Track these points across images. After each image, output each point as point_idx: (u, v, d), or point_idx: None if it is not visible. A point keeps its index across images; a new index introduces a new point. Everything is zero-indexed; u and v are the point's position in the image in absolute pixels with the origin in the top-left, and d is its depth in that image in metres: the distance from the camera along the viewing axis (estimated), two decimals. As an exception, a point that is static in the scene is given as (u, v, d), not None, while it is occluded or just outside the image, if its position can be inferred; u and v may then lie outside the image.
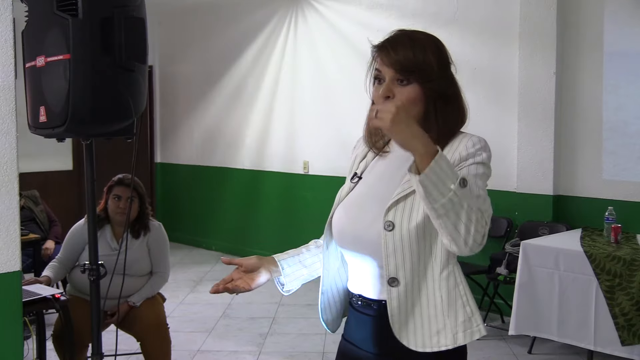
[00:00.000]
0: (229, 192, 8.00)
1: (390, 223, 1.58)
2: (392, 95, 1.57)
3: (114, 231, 3.77)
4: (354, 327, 1.76)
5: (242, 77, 7.73)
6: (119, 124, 2.43)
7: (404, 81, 1.57)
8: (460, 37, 5.56)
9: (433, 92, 1.58)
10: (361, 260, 1.68)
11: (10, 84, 2.29)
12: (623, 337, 3.86)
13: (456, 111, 1.64)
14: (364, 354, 1.72)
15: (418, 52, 1.55)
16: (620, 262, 3.90)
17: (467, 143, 1.59)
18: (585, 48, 4.99)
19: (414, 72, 1.56)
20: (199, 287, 6.40)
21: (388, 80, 1.58)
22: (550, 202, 5.10)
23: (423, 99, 1.58)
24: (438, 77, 1.58)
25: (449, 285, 1.64)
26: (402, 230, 1.58)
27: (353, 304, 1.75)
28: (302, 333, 4.96)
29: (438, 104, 1.60)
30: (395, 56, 1.55)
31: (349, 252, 1.71)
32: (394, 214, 1.59)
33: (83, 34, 2.27)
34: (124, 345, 3.98)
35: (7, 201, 2.27)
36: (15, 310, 2.33)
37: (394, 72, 1.57)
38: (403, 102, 1.51)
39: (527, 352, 4.56)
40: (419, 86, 1.57)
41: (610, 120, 4.89)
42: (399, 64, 1.55)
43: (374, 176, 1.73)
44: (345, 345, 1.81)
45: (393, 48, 1.56)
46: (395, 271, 1.60)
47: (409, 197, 1.59)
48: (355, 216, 1.68)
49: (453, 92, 1.63)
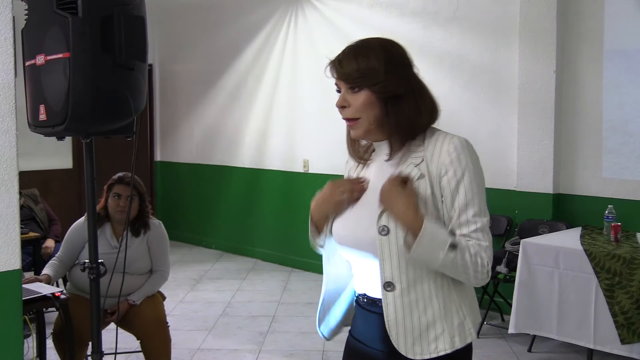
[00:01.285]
0: (228, 190, 8.00)
1: (384, 227, 1.65)
2: (347, 105, 1.69)
3: (114, 229, 3.77)
4: (361, 324, 1.81)
5: (242, 76, 7.73)
6: (118, 122, 2.43)
7: (355, 89, 1.68)
8: (460, 35, 5.56)
9: (383, 93, 1.66)
10: (363, 262, 1.74)
11: (10, 82, 2.29)
12: (623, 335, 3.86)
13: (412, 108, 1.68)
14: (371, 351, 1.76)
15: (361, 61, 1.66)
16: (620, 260, 3.90)
17: (448, 147, 1.64)
18: (585, 46, 4.98)
19: (359, 79, 1.66)
20: (199, 286, 6.40)
21: (343, 91, 1.71)
22: (550, 201, 5.10)
23: (376, 102, 1.67)
24: (385, 79, 1.66)
25: (444, 290, 1.67)
26: (397, 234, 1.63)
27: (359, 302, 1.81)
28: (302, 331, 4.97)
29: (390, 103, 1.67)
30: (342, 70, 1.69)
31: (351, 255, 1.78)
32: (388, 218, 1.64)
33: (83, 32, 2.27)
34: (124, 344, 3.98)
35: (7, 200, 2.27)
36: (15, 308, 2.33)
37: (344, 84, 1.70)
38: (392, 176, 1.64)
39: (527, 350, 4.56)
40: (368, 91, 1.67)
41: (610, 118, 4.89)
42: (345, 76, 1.69)
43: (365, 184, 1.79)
44: (352, 343, 1.85)
45: (340, 63, 1.70)
46: (390, 275, 1.65)
47: None
48: (353, 222, 1.74)
49: (406, 90, 1.68)
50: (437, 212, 1.64)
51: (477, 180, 1.64)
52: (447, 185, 1.63)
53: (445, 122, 1.84)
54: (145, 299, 3.71)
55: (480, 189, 1.64)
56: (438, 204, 1.65)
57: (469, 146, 1.66)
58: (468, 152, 1.65)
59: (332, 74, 1.74)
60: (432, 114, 1.73)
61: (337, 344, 1.97)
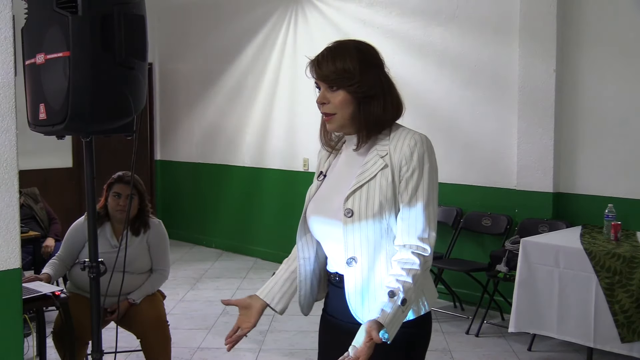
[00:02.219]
0: (229, 189, 8.00)
1: (349, 210, 1.84)
2: (327, 101, 1.86)
3: (114, 228, 3.77)
4: (333, 301, 2.01)
5: (242, 75, 7.73)
6: (118, 121, 2.43)
7: (333, 87, 1.85)
8: (461, 34, 5.56)
9: (357, 93, 1.84)
10: (332, 243, 1.93)
11: (10, 81, 2.29)
12: (623, 334, 3.86)
13: (380, 106, 1.86)
14: (344, 324, 1.93)
15: (338, 63, 1.84)
16: (620, 259, 3.90)
17: (409, 142, 1.83)
18: (585, 45, 4.98)
19: (335, 80, 1.84)
20: (199, 285, 6.40)
21: (322, 89, 1.88)
22: (550, 200, 5.10)
23: (352, 100, 1.85)
24: (359, 80, 1.83)
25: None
26: (360, 216, 1.83)
27: (332, 280, 2.00)
28: (301, 330, 4.97)
29: (363, 102, 1.85)
30: (321, 72, 1.86)
31: (322, 238, 1.97)
32: (352, 202, 1.84)
33: (83, 31, 2.27)
34: (124, 343, 3.99)
35: (7, 199, 2.27)
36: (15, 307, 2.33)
37: (323, 83, 1.87)
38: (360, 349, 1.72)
39: (527, 349, 4.57)
40: (344, 90, 1.84)
41: (610, 117, 4.89)
42: (323, 77, 1.86)
43: (335, 173, 1.99)
44: (326, 318, 2.06)
45: (319, 64, 1.87)
46: (352, 252, 1.85)
47: (364, 187, 1.84)
48: (323, 207, 1.94)
49: (377, 91, 1.86)
50: (394, 197, 1.83)
51: (429, 175, 1.83)
52: (405, 174, 1.82)
53: (446, 121, 1.87)
54: (145, 298, 3.71)
55: (432, 182, 1.84)
56: (396, 190, 1.83)
57: (429, 143, 1.86)
58: (427, 147, 1.84)
59: (311, 74, 1.90)
60: (398, 111, 1.90)
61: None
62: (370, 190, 1.83)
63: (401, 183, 1.82)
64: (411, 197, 1.81)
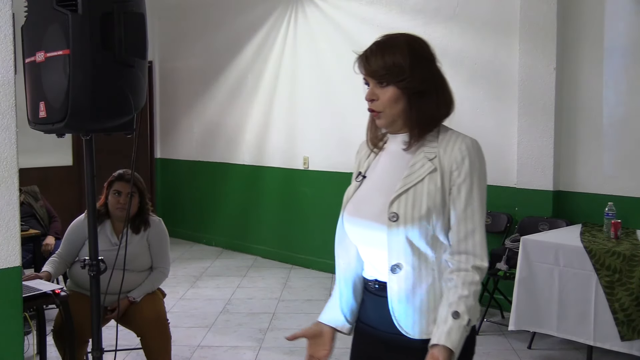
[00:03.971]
0: (229, 187, 8.00)
1: (394, 214, 1.73)
2: (376, 98, 1.78)
3: (114, 226, 3.77)
4: (370, 310, 1.88)
5: (242, 73, 7.72)
6: (118, 119, 2.43)
7: (383, 83, 1.77)
8: (461, 32, 5.56)
9: (407, 89, 1.75)
10: (372, 249, 1.81)
11: (10, 79, 2.29)
12: (622, 332, 3.87)
13: (433, 103, 1.78)
14: (381, 334, 1.82)
15: (388, 58, 1.75)
16: (620, 257, 3.90)
17: (460, 146, 1.75)
18: (585, 43, 4.98)
19: (386, 75, 1.75)
20: (199, 283, 6.41)
21: (371, 85, 1.80)
22: (550, 198, 5.10)
23: (402, 97, 1.76)
24: (410, 75, 1.74)
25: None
26: (406, 221, 1.72)
27: (370, 288, 1.87)
28: (302, 328, 4.97)
29: (413, 99, 1.76)
30: (369, 67, 1.77)
31: (361, 242, 1.84)
32: (398, 206, 1.73)
33: (83, 29, 2.27)
34: (124, 341, 3.99)
35: (7, 197, 2.27)
36: (16, 305, 2.34)
37: (372, 79, 1.79)
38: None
39: (527, 347, 4.57)
40: (394, 86, 1.75)
41: (610, 115, 4.89)
42: (372, 72, 1.77)
43: (377, 173, 1.88)
44: (362, 328, 1.92)
45: (367, 59, 1.78)
46: (397, 259, 1.73)
47: (410, 190, 1.74)
48: (364, 210, 1.82)
49: (428, 86, 1.77)
50: (443, 203, 1.73)
51: (480, 181, 1.75)
52: (456, 179, 1.73)
53: (446, 119, 1.86)
54: (146, 296, 3.71)
55: (482, 189, 1.75)
56: (446, 195, 1.73)
57: (479, 148, 1.77)
58: (477, 152, 1.76)
59: (359, 69, 1.81)
60: (449, 108, 1.81)
61: (337, 341, 1.96)
62: (417, 194, 1.73)
63: (452, 189, 1.73)
64: (465, 205, 1.72)
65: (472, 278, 1.70)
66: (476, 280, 1.70)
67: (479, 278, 1.71)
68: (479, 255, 1.72)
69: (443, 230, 1.74)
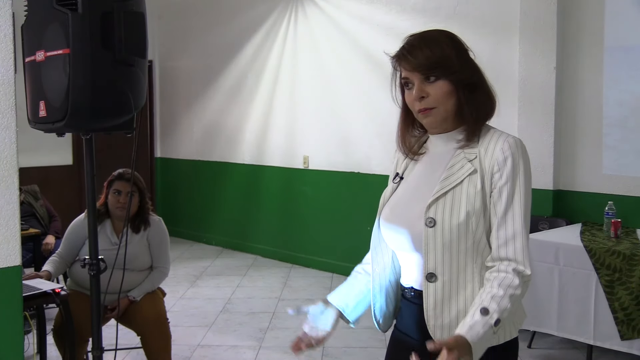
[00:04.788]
0: (229, 186, 8.00)
1: (431, 220, 1.64)
2: (426, 95, 1.65)
3: (114, 226, 3.77)
4: (406, 317, 1.81)
5: (242, 72, 7.72)
6: (118, 118, 2.43)
7: (432, 78, 1.65)
8: (460, 32, 5.46)
9: (459, 82, 1.65)
10: (409, 255, 1.73)
11: (9, 78, 2.29)
12: (622, 331, 3.87)
13: (485, 96, 1.71)
14: (411, 341, 1.77)
15: (435, 49, 1.64)
16: (620, 256, 3.90)
17: (502, 145, 1.65)
18: (585, 43, 4.98)
19: (436, 68, 1.63)
20: (199, 282, 6.41)
21: (418, 83, 1.65)
22: (550, 197, 5.10)
23: (454, 91, 1.66)
24: (459, 66, 1.65)
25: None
26: (443, 227, 1.63)
27: (406, 295, 1.80)
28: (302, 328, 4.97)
29: (466, 93, 1.66)
30: (415, 60, 1.64)
31: (397, 248, 1.77)
32: (435, 210, 1.64)
33: (83, 28, 2.27)
34: (124, 340, 3.99)
35: (7, 196, 2.27)
36: (16, 304, 2.34)
37: (420, 74, 1.65)
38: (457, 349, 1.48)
39: (527, 346, 4.57)
40: (446, 80, 1.64)
41: (610, 115, 4.88)
42: (420, 66, 1.64)
43: (414, 176, 1.79)
44: (398, 336, 1.86)
45: (411, 53, 1.65)
46: (434, 267, 1.65)
47: (448, 194, 1.65)
48: (400, 214, 1.74)
49: (478, 77, 1.70)
50: (484, 207, 1.64)
51: (523, 183, 1.67)
52: (498, 181, 1.64)
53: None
54: (146, 295, 3.72)
55: (526, 192, 1.68)
56: (486, 198, 1.65)
57: (523, 147, 1.68)
58: (521, 152, 1.67)
59: (401, 67, 1.68)
60: (494, 102, 1.75)
61: (337, 340, 1.98)
62: (455, 198, 1.63)
63: (494, 192, 1.63)
64: (507, 209, 1.62)
65: (511, 281, 1.58)
66: (515, 284, 1.58)
67: (518, 282, 1.59)
68: (521, 261, 1.61)
69: (485, 236, 1.65)
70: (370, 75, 6.10)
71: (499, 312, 1.55)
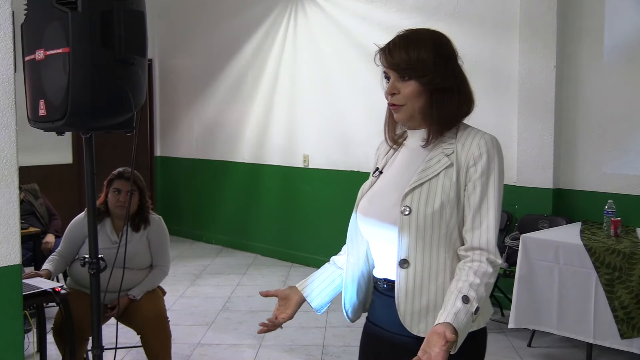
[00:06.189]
0: (229, 185, 8.00)
1: (407, 208, 1.71)
2: (397, 92, 1.75)
3: (114, 224, 3.77)
4: (379, 310, 1.86)
5: (242, 71, 7.72)
6: (118, 117, 2.43)
7: (405, 77, 1.74)
8: (461, 30, 5.55)
9: (430, 85, 1.72)
10: (384, 245, 1.78)
11: (9, 77, 2.29)
12: (622, 330, 3.87)
13: (454, 101, 1.75)
14: (389, 335, 1.80)
15: (412, 52, 1.72)
16: (620, 255, 3.90)
17: (479, 141, 1.73)
18: (585, 41, 4.98)
19: (409, 70, 1.72)
20: (199, 281, 6.41)
21: (392, 79, 1.76)
22: (550, 196, 5.10)
23: (423, 92, 1.73)
24: (433, 71, 1.72)
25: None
26: (418, 215, 1.70)
27: (379, 288, 1.85)
28: (302, 326, 4.97)
29: (435, 95, 1.73)
30: (392, 60, 1.74)
31: (372, 238, 1.83)
32: (411, 199, 1.71)
33: (82, 27, 2.27)
34: (124, 339, 3.99)
35: (6, 195, 2.27)
36: (16, 303, 2.33)
37: (395, 72, 1.75)
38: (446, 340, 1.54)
39: (527, 345, 4.57)
40: (416, 81, 1.73)
41: (610, 113, 4.88)
42: (395, 65, 1.74)
43: (393, 169, 1.86)
44: (370, 328, 1.90)
45: (390, 52, 1.75)
46: (407, 253, 1.71)
47: (425, 185, 1.72)
48: (377, 204, 1.80)
49: (450, 84, 1.75)
50: (457, 199, 1.71)
51: (497, 178, 1.73)
52: (473, 175, 1.71)
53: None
54: (146, 294, 3.72)
55: (499, 186, 1.73)
56: (461, 191, 1.71)
57: (499, 145, 1.75)
58: (497, 150, 1.74)
59: (381, 62, 1.78)
60: (470, 107, 1.80)
61: (337, 339, 1.98)
62: (431, 189, 1.71)
63: (468, 185, 1.71)
64: (481, 201, 1.70)
65: (486, 269, 1.65)
66: (489, 272, 1.66)
67: (492, 270, 1.66)
68: (493, 251, 1.68)
69: (457, 228, 1.71)
70: (370, 74, 6.09)
71: (477, 300, 1.62)
